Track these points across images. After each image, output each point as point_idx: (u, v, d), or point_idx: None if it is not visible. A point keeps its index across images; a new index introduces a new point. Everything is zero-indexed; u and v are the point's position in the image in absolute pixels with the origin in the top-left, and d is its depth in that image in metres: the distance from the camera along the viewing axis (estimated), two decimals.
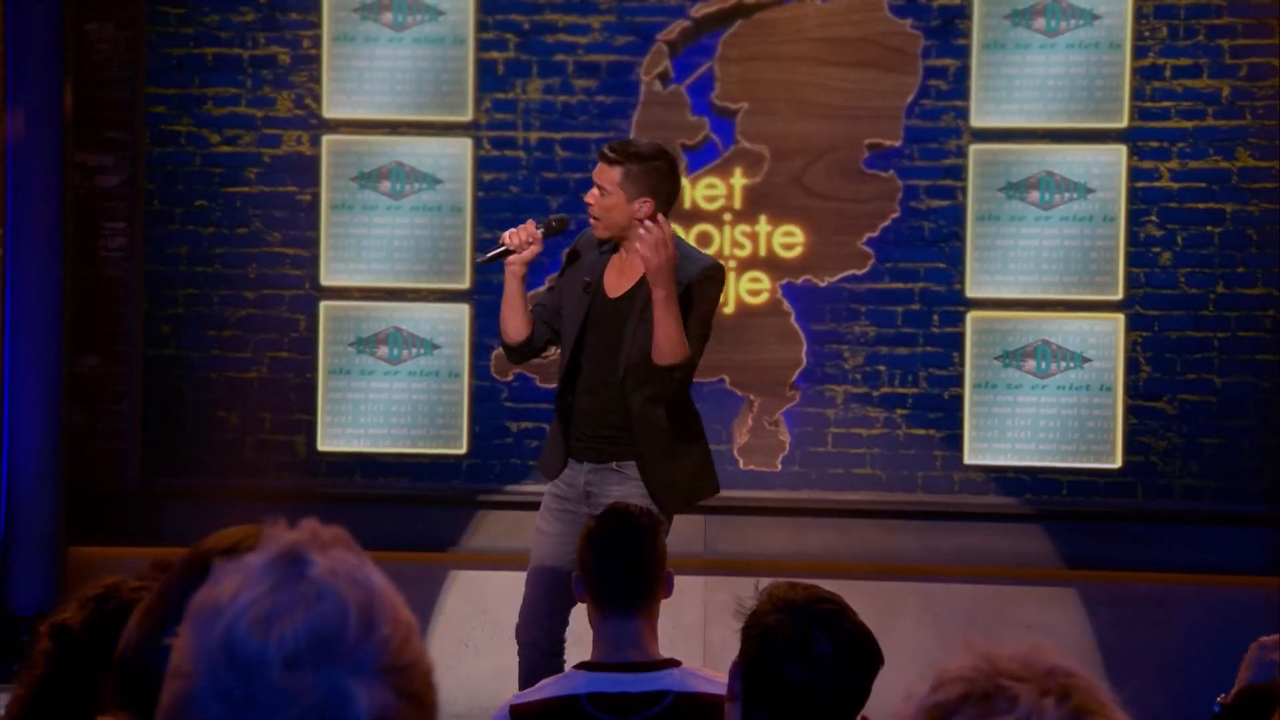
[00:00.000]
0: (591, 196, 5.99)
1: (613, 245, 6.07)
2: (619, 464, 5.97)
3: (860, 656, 3.08)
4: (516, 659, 6.05)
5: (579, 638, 5.90)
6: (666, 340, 5.86)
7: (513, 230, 5.97)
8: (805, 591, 3.18)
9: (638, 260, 5.99)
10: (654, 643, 4.25)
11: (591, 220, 6.05)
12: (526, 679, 5.76)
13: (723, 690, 3.23)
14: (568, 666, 5.09)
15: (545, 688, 4.24)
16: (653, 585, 4.28)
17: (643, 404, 5.95)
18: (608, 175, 5.97)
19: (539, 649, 5.93)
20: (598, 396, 6.05)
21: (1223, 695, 4.15)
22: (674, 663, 4.17)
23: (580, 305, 6.06)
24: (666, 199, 6.03)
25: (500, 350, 6.44)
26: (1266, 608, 7.53)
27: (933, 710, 1.45)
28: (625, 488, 5.92)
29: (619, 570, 4.24)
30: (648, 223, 5.95)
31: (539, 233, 5.97)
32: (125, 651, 2.33)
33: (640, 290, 6.01)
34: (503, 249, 5.97)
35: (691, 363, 6.03)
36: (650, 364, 5.99)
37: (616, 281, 6.07)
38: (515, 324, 6.06)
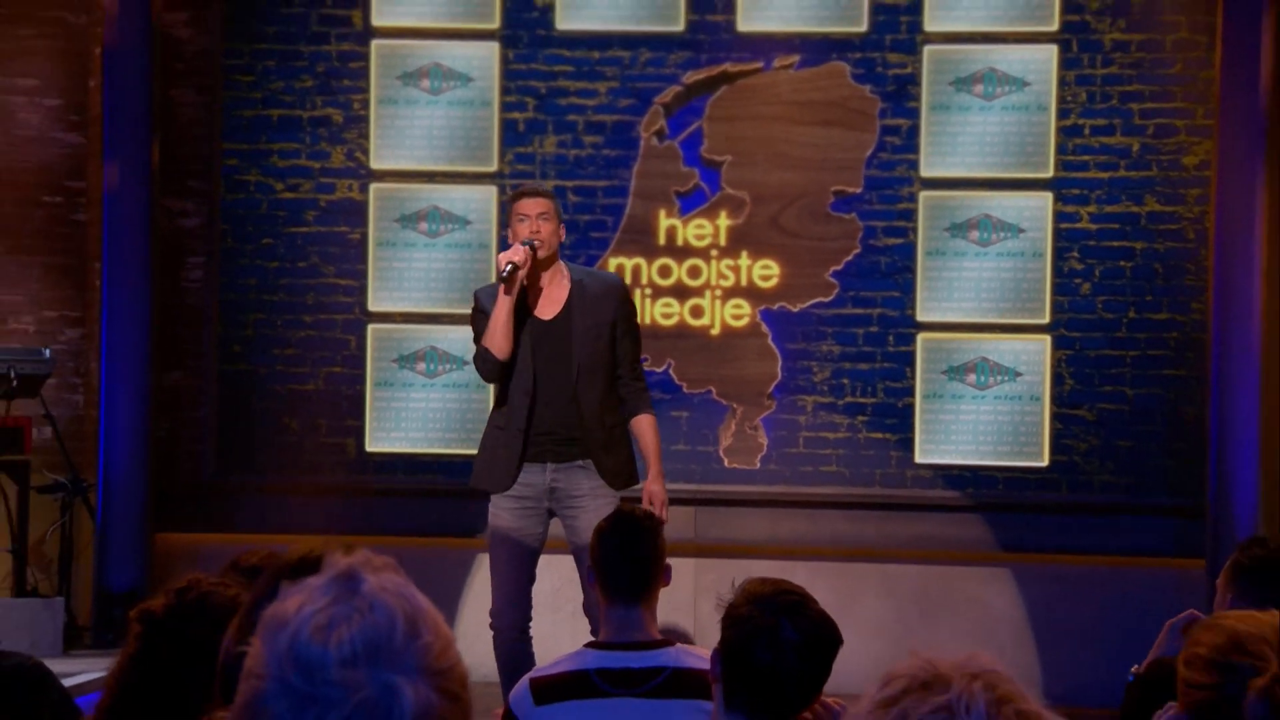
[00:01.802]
0: (535, 227, 6.02)
1: (526, 267, 6.05)
2: (582, 461, 6.04)
3: (821, 640, 3.14)
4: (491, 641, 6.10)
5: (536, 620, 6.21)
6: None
7: (512, 251, 6.00)
8: (773, 586, 3.23)
9: (555, 285, 6.13)
10: (653, 625, 4.26)
11: (541, 234, 6.02)
12: (504, 658, 5.97)
13: (709, 664, 3.30)
14: (570, 647, 4.92)
15: (560, 663, 4.23)
16: (654, 578, 4.29)
17: (591, 404, 6.01)
18: (542, 205, 6.08)
19: (515, 629, 6.00)
20: (554, 406, 6.04)
21: (1136, 665, 4.24)
22: (669, 642, 4.20)
23: (522, 335, 6.07)
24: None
25: (481, 369, 6.35)
26: (1169, 584, 7.73)
27: (882, 700, 1.56)
28: (591, 480, 6.03)
29: (625, 566, 4.24)
30: (655, 500, 6.10)
31: (528, 250, 5.99)
32: (225, 657, 2.45)
33: (570, 307, 6.11)
34: (513, 267, 5.98)
35: (648, 395, 6.28)
36: (596, 366, 6.10)
37: (546, 307, 6.12)
38: (510, 341, 6.05)
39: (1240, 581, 4.01)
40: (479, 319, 6.12)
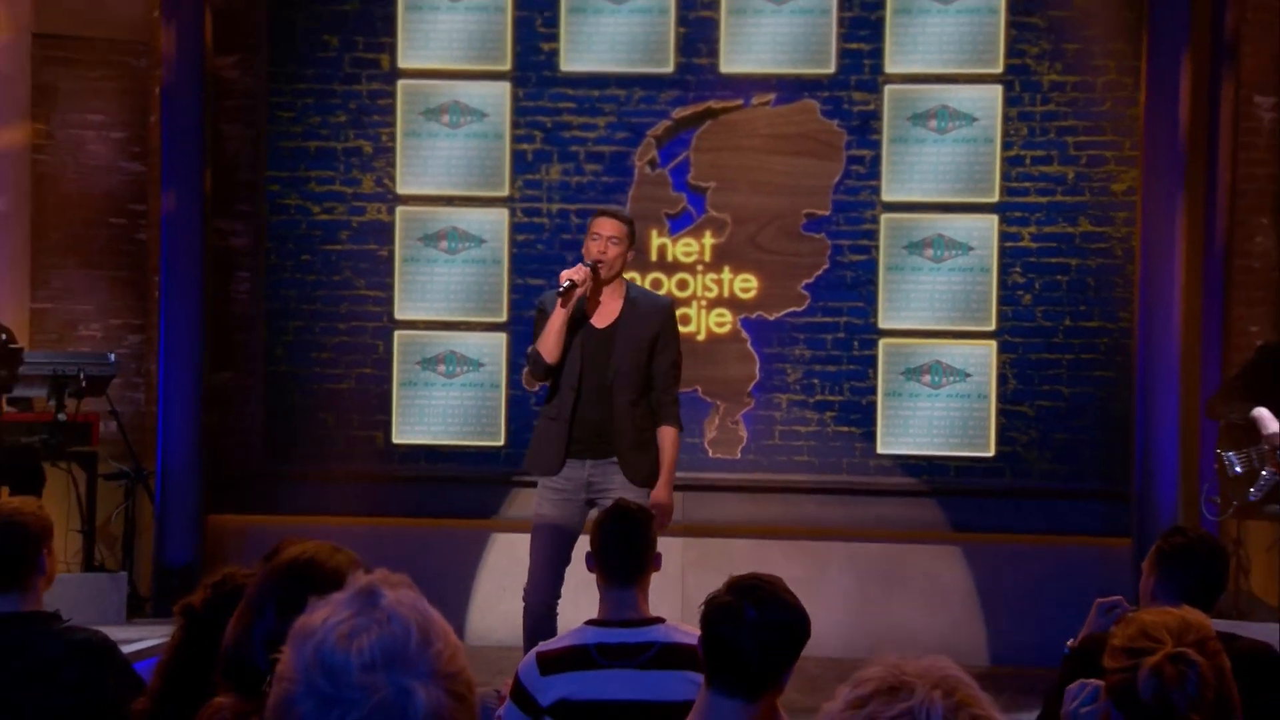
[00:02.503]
0: (604, 247, 5.96)
1: (589, 285, 5.98)
2: (615, 458, 6.00)
3: (779, 622, 3.13)
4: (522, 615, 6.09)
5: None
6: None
7: (575, 270, 5.95)
8: (752, 576, 3.23)
9: (611, 299, 6.06)
10: (645, 605, 4.25)
11: (608, 255, 5.95)
12: (530, 631, 5.92)
13: (695, 640, 3.31)
14: (566, 624, 4.98)
15: (563, 639, 4.23)
16: (646, 564, 4.29)
17: (623, 405, 5.98)
18: (615, 228, 6.02)
19: (544, 605, 5.96)
20: (598, 408, 6.00)
21: (1072, 640, 4.30)
22: (660, 620, 4.20)
23: (576, 339, 6.03)
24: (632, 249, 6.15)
25: (528, 369, 6.41)
26: (1099, 560, 7.83)
27: (853, 701, 1.59)
28: (623, 477, 5.98)
29: (620, 553, 4.24)
30: (659, 510, 5.96)
31: (588, 271, 5.94)
32: (228, 646, 2.50)
33: (620, 320, 6.04)
34: (571, 284, 5.93)
35: (677, 409, 6.17)
36: (633, 373, 6.03)
37: (601, 316, 6.05)
38: (559, 349, 5.99)
39: (1163, 565, 4.05)
40: (540, 320, 6.08)
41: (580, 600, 4.91)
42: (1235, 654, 3.41)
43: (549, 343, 5.95)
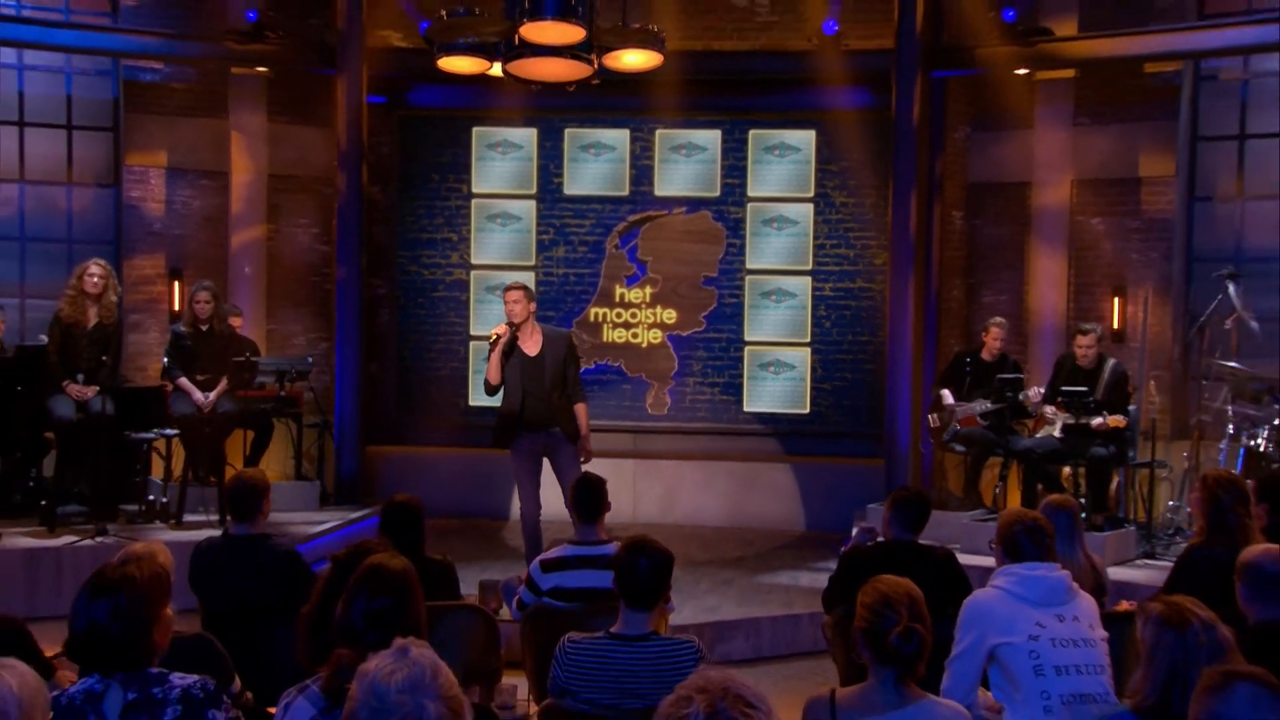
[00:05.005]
0: (511, 310, 5.78)
1: (513, 334, 5.81)
2: (554, 429, 5.88)
3: (658, 563, 2.94)
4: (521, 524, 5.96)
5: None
6: (584, 424, 5.86)
7: (499, 327, 5.90)
8: (639, 538, 3.03)
9: (533, 335, 5.88)
10: (602, 532, 4.02)
11: (516, 313, 5.75)
12: (528, 535, 5.89)
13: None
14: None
15: (554, 551, 3.96)
16: (600, 507, 4.03)
17: (557, 399, 5.88)
18: (518, 295, 5.83)
19: (532, 516, 5.89)
20: (538, 401, 5.85)
21: (844, 545, 4.32)
22: (609, 541, 3.94)
23: (517, 364, 5.83)
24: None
25: (485, 387, 6.02)
26: (867, 472, 8.17)
27: (666, 713, 1.47)
28: (559, 438, 5.88)
29: (588, 503, 4.01)
30: (585, 447, 5.77)
31: (508, 328, 5.83)
32: (340, 618, 2.26)
33: (543, 348, 5.88)
34: (496, 337, 5.86)
35: (584, 393, 6.00)
36: (556, 379, 5.86)
37: (529, 347, 5.90)
38: (498, 375, 5.84)
39: (895, 508, 3.99)
40: (491, 350, 5.92)
41: (566, 528, 4.29)
42: (933, 560, 3.80)
43: (490, 373, 5.85)
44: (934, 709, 2.35)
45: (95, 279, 6.75)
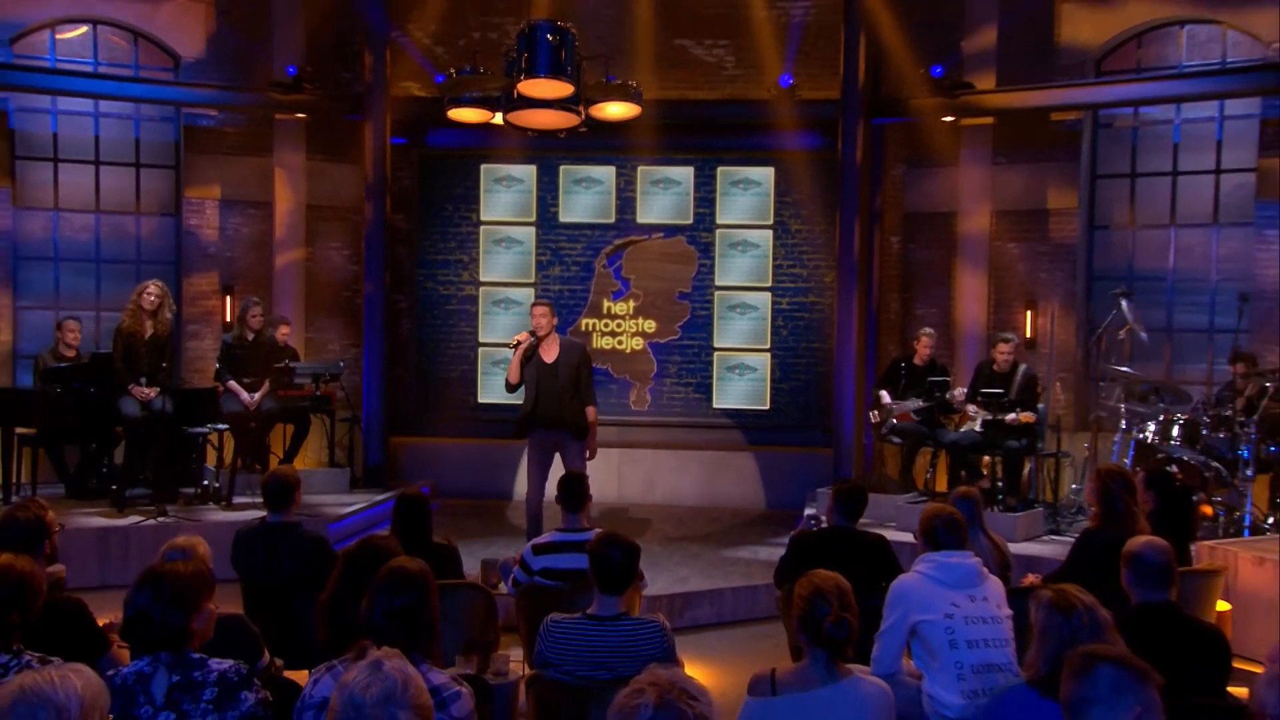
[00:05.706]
0: (538, 322, 5.69)
1: (534, 342, 5.70)
2: (566, 428, 5.74)
3: (628, 554, 2.86)
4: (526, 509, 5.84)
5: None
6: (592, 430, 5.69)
7: (522, 334, 5.79)
8: (610, 533, 2.96)
9: (551, 345, 5.76)
10: (585, 520, 3.97)
11: (541, 326, 5.65)
12: (531, 518, 5.76)
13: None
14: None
15: (545, 537, 3.91)
16: (583, 498, 3.98)
17: (568, 402, 5.76)
18: (544, 311, 5.75)
19: (537, 502, 5.78)
20: (552, 403, 5.74)
21: (794, 529, 4.35)
22: (590, 529, 3.85)
23: (534, 368, 5.73)
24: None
25: (505, 385, 5.85)
26: (818, 460, 8.09)
27: (622, 702, 1.43)
28: (569, 435, 5.73)
29: (573, 497, 3.97)
30: (590, 447, 5.59)
31: (530, 336, 5.73)
32: (364, 613, 2.17)
33: (559, 358, 5.74)
34: (518, 343, 5.77)
35: (594, 398, 5.85)
36: (570, 384, 5.69)
37: (547, 354, 5.80)
38: (517, 376, 5.72)
39: (837, 498, 3.96)
40: (512, 358, 5.81)
41: (556, 517, 4.17)
42: (867, 545, 3.77)
43: (510, 374, 5.74)
44: (860, 685, 2.34)
45: (152, 297, 6.77)
